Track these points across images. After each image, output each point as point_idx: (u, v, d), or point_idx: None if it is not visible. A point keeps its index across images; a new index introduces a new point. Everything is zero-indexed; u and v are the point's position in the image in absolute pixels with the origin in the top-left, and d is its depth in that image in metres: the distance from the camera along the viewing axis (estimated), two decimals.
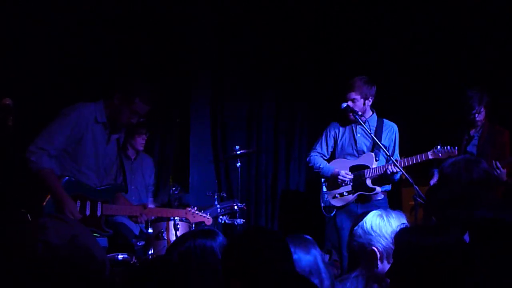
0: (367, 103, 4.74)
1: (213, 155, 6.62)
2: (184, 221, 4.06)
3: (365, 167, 4.70)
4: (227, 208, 4.83)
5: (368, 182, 4.67)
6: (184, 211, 4.05)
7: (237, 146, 5.22)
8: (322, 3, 6.63)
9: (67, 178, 3.76)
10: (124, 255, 3.87)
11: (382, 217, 2.34)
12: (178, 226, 3.98)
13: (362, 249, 2.33)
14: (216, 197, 4.97)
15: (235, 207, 4.83)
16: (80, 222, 3.58)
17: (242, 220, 4.89)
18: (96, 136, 3.87)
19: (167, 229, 4.03)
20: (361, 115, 4.69)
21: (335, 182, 4.77)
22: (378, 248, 2.29)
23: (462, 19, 5.89)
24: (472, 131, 5.03)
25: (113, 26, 5.78)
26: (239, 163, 5.20)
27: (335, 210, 4.81)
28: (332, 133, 4.88)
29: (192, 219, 4.04)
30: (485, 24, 5.77)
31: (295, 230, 5.77)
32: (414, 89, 6.15)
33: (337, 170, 4.74)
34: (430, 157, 4.47)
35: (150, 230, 4.01)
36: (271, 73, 6.72)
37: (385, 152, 4.37)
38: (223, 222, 4.69)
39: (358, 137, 4.79)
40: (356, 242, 2.36)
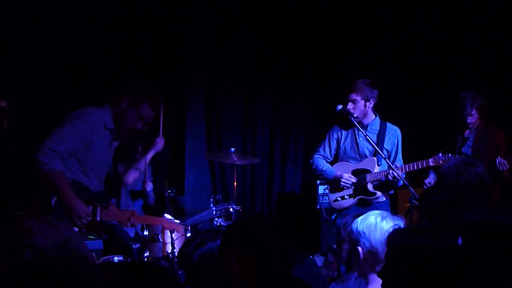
0: (368, 105, 4.68)
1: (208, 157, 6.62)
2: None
3: (367, 171, 4.67)
4: (223, 210, 4.81)
5: (369, 187, 4.66)
6: (162, 219, 4.02)
7: (232, 149, 5.21)
8: (322, 3, 6.62)
9: (72, 180, 3.70)
10: (120, 258, 3.86)
11: (376, 220, 2.35)
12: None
13: (350, 244, 2.44)
14: (211, 199, 4.95)
15: (231, 210, 4.80)
16: (85, 226, 3.61)
17: None
18: (103, 141, 3.84)
19: (163, 231, 4.02)
20: (359, 117, 4.63)
21: (337, 185, 4.74)
22: (362, 250, 2.34)
23: (462, 19, 5.88)
24: (467, 132, 5.02)
25: (113, 26, 5.77)
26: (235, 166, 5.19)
27: (336, 212, 4.80)
28: (335, 136, 4.84)
29: (167, 227, 3.99)
30: (485, 24, 5.76)
31: (291, 232, 5.81)
32: (414, 89, 6.15)
33: (339, 173, 4.72)
34: (431, 163, 4.45)
35: (146, 233, 4.00)
36: (271, 73, 6.71)
37: (385, 160, 4.32)
38: (218, 224, 4.68)
39: (360, 140, 4.73)
40: (348, 237, 2.48)
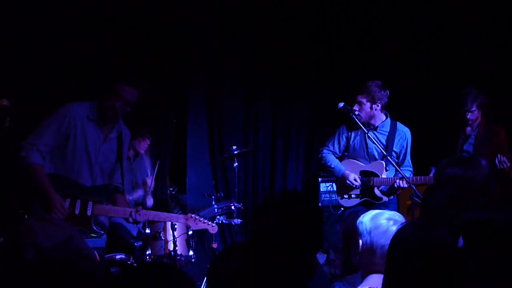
0: (375, 107, 4.66)
1: (209, 156, 6.62)
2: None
3: (375, 174, 4.70)
4: (224, 208, 4.82)
5: (377, 192, 4.70)
6: (185, 217, 3.96)
7: (234, 146, 5.22)
8: (322, 3, 6.62)
9: (55, 174, 3.74)
10: (122, 256, 3.85)
11: (387, 224, 2.35)
12: (176, 227, 3.95)
13: (353, 235, 2.43)
14: (213, 197, 4.96)
15: (232, 207, 4.82)
16: (68, 220, 3.59)
17: (239, 220, 4.88)
18: (87, 133, 3.85)
19: (164, 229, 4.02)
20: (365, 119, 4.62)
21: (345, 183, 4.78)
22: (362, 245, 2.36)
23: (462, 19, 5.89)
24: (469, 129, 5.03)
25: (113, 26, 5.77)
26: (236, 163, 5.20)
27: (342, 209, 4.85)
28: (344, 133, 4.85)
29: (194, 226, 3.97)
30: (485, 24, 5.76)
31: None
32: (414, 89, 6.15)
33: (347, 173, 4.73)
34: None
35: (148, 231, 4.00)
36: (271, 73, 6.71)
37: (393, 165, 4.33)
38: (220, 222, 4.69)
39: (369, 141, 4.70)
40: (352, 227, 2.46)
